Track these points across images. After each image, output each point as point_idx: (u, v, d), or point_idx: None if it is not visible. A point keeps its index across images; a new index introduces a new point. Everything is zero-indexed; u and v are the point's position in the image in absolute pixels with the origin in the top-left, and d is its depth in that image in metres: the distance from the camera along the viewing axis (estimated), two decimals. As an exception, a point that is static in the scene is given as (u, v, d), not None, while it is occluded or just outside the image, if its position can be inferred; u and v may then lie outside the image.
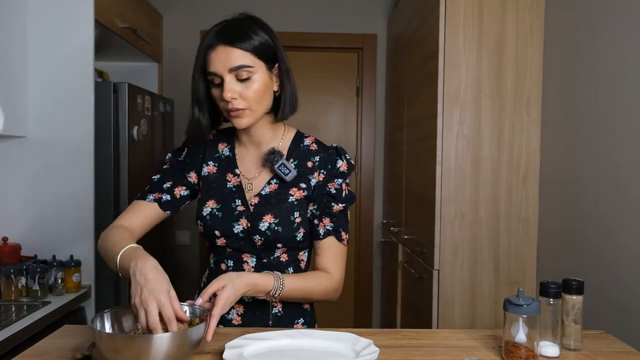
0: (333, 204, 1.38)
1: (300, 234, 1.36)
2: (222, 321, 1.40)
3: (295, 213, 1.36)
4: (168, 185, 1.45)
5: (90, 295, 2.32)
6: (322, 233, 1.38)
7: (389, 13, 3.49)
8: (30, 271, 2.07)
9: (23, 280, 2.06)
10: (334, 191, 1.38)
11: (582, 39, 1.85)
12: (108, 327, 1.11)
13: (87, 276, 2.32)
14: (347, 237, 1.41)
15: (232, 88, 1.26)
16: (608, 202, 1.67)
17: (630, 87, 1.58)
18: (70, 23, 2.30)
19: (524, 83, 2.12)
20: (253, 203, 1.37)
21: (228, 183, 1.41)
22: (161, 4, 3.43)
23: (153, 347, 0.97)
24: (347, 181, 1.42)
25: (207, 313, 1.12)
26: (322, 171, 1.38)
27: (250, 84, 1.27)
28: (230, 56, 1.25)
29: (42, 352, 1.15)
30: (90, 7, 2.30)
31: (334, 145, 1.42)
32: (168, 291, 1.08)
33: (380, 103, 3.57)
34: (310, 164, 1.39)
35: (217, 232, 1.38)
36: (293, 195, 1.37)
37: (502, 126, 2.13)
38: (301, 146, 1.42)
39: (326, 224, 1.38)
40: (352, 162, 1.42)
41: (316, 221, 1.39)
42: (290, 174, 1.36)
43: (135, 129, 2.53)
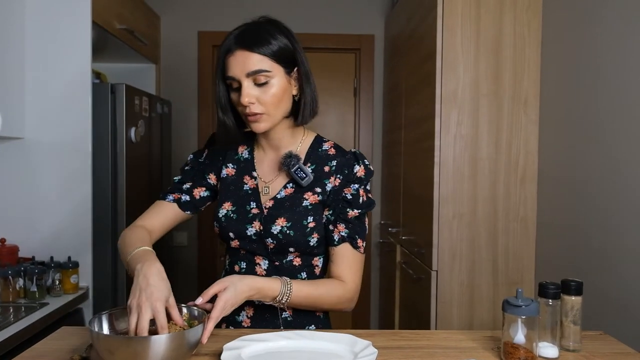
0: (348, 210, 1.35)
1: (313, 239, 1.34)
2: (233, 323, 1.40)
3: (308, 217, 1.34)
4: (187, 186, 1.47)
5: (88, 296, 2.32)
6: (337, 239, 1.35)
7: (387, 14, 3.49)
8: (28, 272, 2.07)
9: (21, 281, 2.06)
10: (350, 196, 1.35)
11: (580, 39, 1.85)
12: (106, 329, 1.11)
13: (85, 278, 2.32)
14: (364, 245, 1.37)
15: (250, 93, 1.26)
16: (606, 202, 1.67)
17: (628, 87, 1.58)
18: (67, 24, 2.29)
19: (522, 83, 2.13)
20: (267, 206, 1.36)
21: (245, 185, 1.41)
22: (159, 5, 3.43)
23: (150, 349, 0.97)
24: (368, 187, 1.39)
25: (206, 315, 1.12)
26: (339, 176, 1.36)
27: (267, 89, 1.27)
28: (247, 61, 1.25)
29: (40, 354, 1.15)
30: (87, 9, 2.29)
31: (353, 150, 1.40)
32: (167, 299, 1.08)
33: (378, 104, 3.57)
34: (327, 169, 1.37)
35: (232, 234, 1.38)
36: (307, 199, 1.35)
37: (500, 126, 2.13)
38: (319, 150, 1.40)
39: (341, 230, 1.35)
40: (371, 168, 1.39)
41: (331, 227, 1.36)
42: (306, 179, 1.34)
43: (132, 130, 2.53)
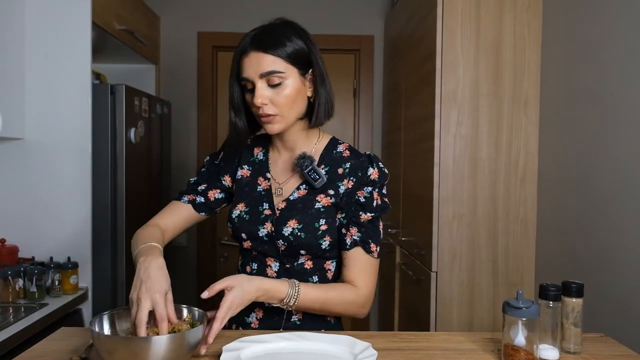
0: (361, 213, 1.33)
1: (325, 242, 1.32)
2: (242, 324, 1.40)
3: (320, 220, 1.32)
4: (202, 187, 1.47)
5: (87, 297, 2.32)
6: (349, 243, 1.33)
7: (386, 14, 3.49)
8: (27, 273, 2.07)
9: (20, 282, 2.06)
10: (363, 200, 1.33)
11: (580, 40, 1.85)
12: (107, 329, 1.12)
13: (85, 278, 2.32)
14: (378, 250, 1.35)
15: (263, 94, 1.26)
16: (607, 203, 1.67)
17: (629, 88, 1.58)
18: (67, 25, 2.29)
19: (522, 84, 2.12)
20: (280, 207, 1.35)
21: (258, 187, 1.41)
22: (159, 6, 3.43)
23: (151, 349, 0.97)
24: (384, 191, 1.37)
25: (206, 316, 1.12)
26: (352, 178, 1.34)
27: (281, 90, 1.27)
28: (261, 62, 1.25)
29: (40, 354, 1.15)
30: (87, 9, 2.29)
31: (368, 152, 1.38)
32: (166, 292, 1.09)
33: (377, 104, 3.57)
34: (340, 171, 1.36)
35: (244, 235, 1.37)
36: (320, 201, 1.34)
37: (500, 127, 2.13)
38: (334, 152, 1.39)
39: (353, 234, 1.33)
40: (385, 171, 1.37)
41: (344, 230, 1.34)
42: (319, 180, 1.32)
43: (132, 131, 2.53)
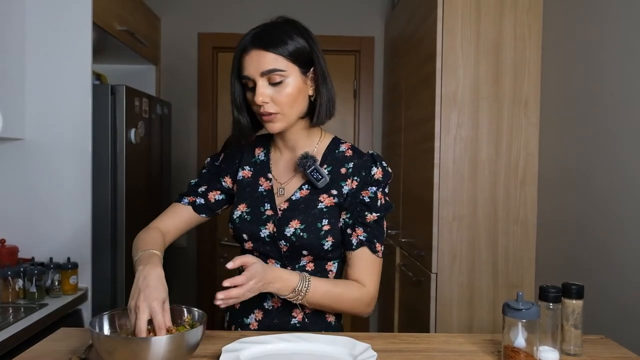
0: (367, 213, 1.32)
1: (327, 243, 1.32)
2: (241, 325, 1.39)
3: (323, 220, 1.31)
4: (203, 189, 1.47)
5: (87, 297, 2.32)
6: (355, 243, 1.32)
7: (387, 16, 3.50)
8: (27, 273, 2.07)
9: (20, 282, 2.06)
10: (368, 200, 1.32)
11: (581, 41, 1.85)
12: (107, 329, 1.12)
13: (84, 278, 2.32)
14: (382, 249, 1.35)
15: (264, 92, 1.26)
16: (607, 205, 1.67)
17: (629, 89, 1.58)
18: (68, 26, 2.29)
19: (522, 85, 2.12)
20: (282, 208, 1.35)
21: (260, 187, 1.40)
22: (159, 7, 3.43)
23: (150, 350, 0.98)
24: (386, 190, 1.36)
25: (206, 317, 1.12)
26: (356, 178, 1.33)
27: (282, 88, 1.26)
28: (262, 60, 1.25)
29: (39, 355, 1.15)
30: (88, 10, 2.29)
31: (370, 152, 1.38)
32: (163, 301, 1.09)
33: (377, 105, 3.57)
34: (343, 171, 1.35)
35: (245, 236, 1.37)
36: (322, 201, 1.33)
37: (500, 129, 2.13)
38: (336, 152, 1.39)
39: (359, 234, 1.33)
40: (389, 170, 1.36)
41: (349, 230, 1.33)
42: (322, 180, 1.32)
43: (132, 132, 2.53)
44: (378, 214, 1.33)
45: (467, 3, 2.10)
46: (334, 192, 1.33)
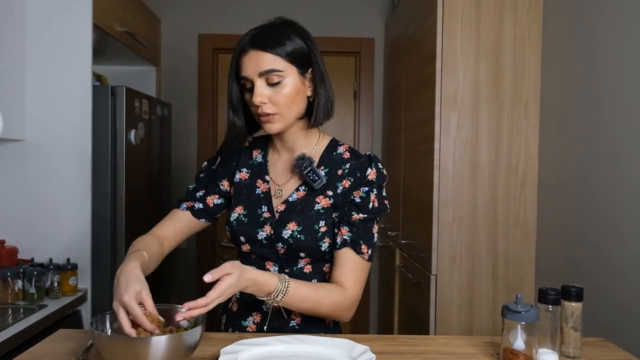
0: (353, 213, 1.31)
1: (325, 244, 1.31)
2: (238, 328, 1.39)
3: (320, 222, 1.31)
4: (201, 193, 1.46)
5: (86, 298, 2.32)
6: (339, 242, 1.31)
7: (387, 17, 3.50)
8: (27, 274, 2.07)
9: (20, 283, 2.06)
10: (359, 200, 1.32)
11: (581, 43, 1.85)
12: (108, 329, 1.12)
13: (84, 280, 2.32)
14: (370, 252, 1.32)
15: (262, 92, 1.25)
16: (607, 207, 1.67)
17: (629, 91, 1.58)
18: (68, 27, 2.30)
19: (522, 87, 2.12)
20: (279, 210, 1.34)
21: (257, 189, 1.40)
22: (159, 8, 3.43)
23: (150, 349, 0.98)
24: (383, 193, 1.35)
25: (204, 317, 1.12)
26: (350, 178, 1.33)
27: (280, 89, 1.26)
28: (260, 60, 1.25)
29: (38, 356, 1.15)
30: (88, 11, 2.30)
31: (368, 153, 1.37)
32: (135, 292, 1.06)
33: (377, 107, 3.57)
34: (340, 172, 1.35)
35: (242, 238, 1.36)
36: (319, 203, 1.32)
37: (500, 130, 2.13)
38: (334, 154, 1.38)
39: (344, 233, 1.31)
40: (384, 172, 1.35)
41: (336, 229, 1.33)
42: (319, 181, 1.31)
43: (132, 133, 2.53)
44: (366, 215, 1.32)
45: (467, 4, 2.10)
46: (330, 194, 1.33)
